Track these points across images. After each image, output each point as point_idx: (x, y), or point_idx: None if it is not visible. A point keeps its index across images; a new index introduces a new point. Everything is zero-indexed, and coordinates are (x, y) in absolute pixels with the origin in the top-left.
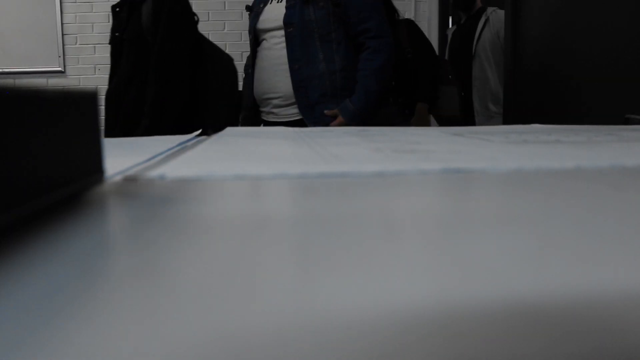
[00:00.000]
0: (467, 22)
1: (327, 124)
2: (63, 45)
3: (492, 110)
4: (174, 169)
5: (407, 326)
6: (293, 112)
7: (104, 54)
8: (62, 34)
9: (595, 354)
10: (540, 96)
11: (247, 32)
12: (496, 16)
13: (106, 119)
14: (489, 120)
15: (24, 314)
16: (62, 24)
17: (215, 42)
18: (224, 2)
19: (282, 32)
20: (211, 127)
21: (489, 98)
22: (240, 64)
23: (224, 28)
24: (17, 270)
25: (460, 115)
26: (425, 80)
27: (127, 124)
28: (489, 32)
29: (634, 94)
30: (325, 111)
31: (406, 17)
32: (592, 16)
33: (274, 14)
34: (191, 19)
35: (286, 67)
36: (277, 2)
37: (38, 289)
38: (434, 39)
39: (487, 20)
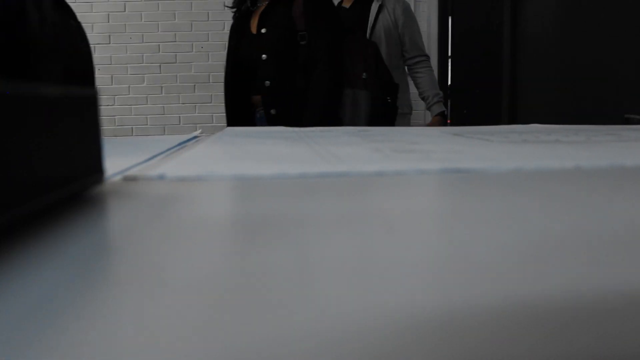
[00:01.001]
0: (356, 5)
1: None
2: None
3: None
4: (174, 169)
5: (407, 326)
6: None
7: (104, 54)
8: None
9: (595, 354)
10: (540, 96)
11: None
12: (393, 0)
13: None
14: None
15: (24, 314)
16: None
17: (214, 42)
18: (224, 2)
19: None
20: None
21: None
22: None
23: (224, 28)
24: (17, 270)
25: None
26: (319, 91)
27: None
28: (386, 18)
29: (634, 94)
30: None
31: None
32: (592, 16)
33: None
34: None
35: None
36: None
37: (38, 289)
38: (433, 39)
39: (382, 5)
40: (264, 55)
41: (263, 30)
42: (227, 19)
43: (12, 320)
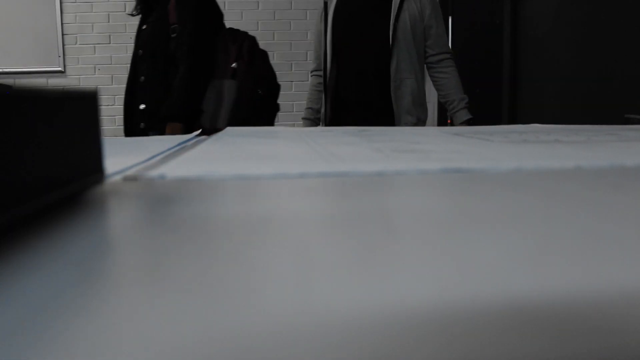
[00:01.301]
0: None
1: None
2: (63, 45)
3: (414, 116)
4: (174, 169)
5: (407, 326)
6: None
7: (104, 53)
8: (62, 34)
9: (596, 354)
10: (540, 96)
11: (247, 31)
12: None
13: None
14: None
15: (24, 314)
16: (62, 24)
17: None
18: (224, 2)
19: None
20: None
21: (408, 99)
22: None
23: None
24: (17, 270)
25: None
26: (179, 83)
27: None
28: (412, 7)
29: (634, 94)
30: None
31: None
32: (592, 16)
33: None
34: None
35: None
36: None
37: (38, 289)
38: None
39: None
40: (140, 51)
41: (144, 27)
42: (227, 18)
43: (12, 320)
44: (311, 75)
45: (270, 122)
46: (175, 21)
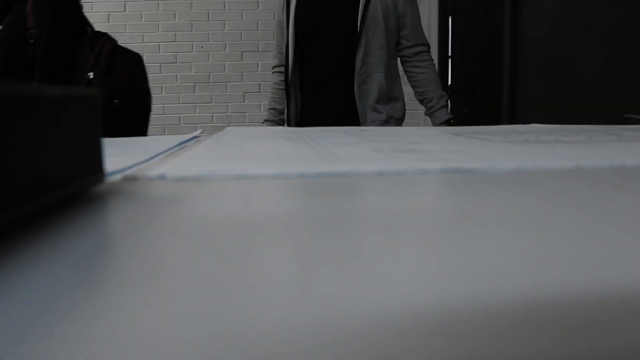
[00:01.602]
0: None
1: None
2: None
3: (383, 113)
4: (174, 169)
5: (407, 326)
6: None
7: None
8: None
9: (596, 354)
10: (540, 96)
11: (247, 31)
12: None
13: None
14: (383, 126)
15: (24, 314)
16: None
17: (215, 42)
18: (224, 2)
19: None
20: None
21: (374, 95)
22: (240, 64)
23: (224, 28)
24: (17, 270)
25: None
26: None
27: None
28: None
29: (634, 94)
30: None
31: None
32: (592, 16)
33: None
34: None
35: None
36: None
37: (38, 289)
38: (433, 40)
39: None
40: None
41: (0, 28)
42: (227, 18)
43: (12, 320)
44: (272, 73)
45: (138, 131)
46: (32, 25)
